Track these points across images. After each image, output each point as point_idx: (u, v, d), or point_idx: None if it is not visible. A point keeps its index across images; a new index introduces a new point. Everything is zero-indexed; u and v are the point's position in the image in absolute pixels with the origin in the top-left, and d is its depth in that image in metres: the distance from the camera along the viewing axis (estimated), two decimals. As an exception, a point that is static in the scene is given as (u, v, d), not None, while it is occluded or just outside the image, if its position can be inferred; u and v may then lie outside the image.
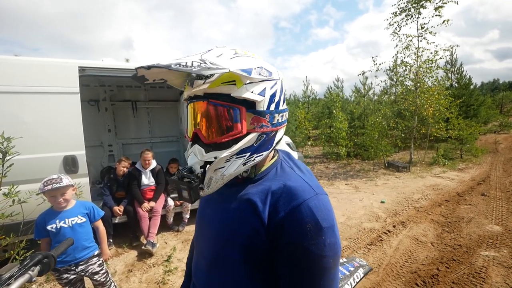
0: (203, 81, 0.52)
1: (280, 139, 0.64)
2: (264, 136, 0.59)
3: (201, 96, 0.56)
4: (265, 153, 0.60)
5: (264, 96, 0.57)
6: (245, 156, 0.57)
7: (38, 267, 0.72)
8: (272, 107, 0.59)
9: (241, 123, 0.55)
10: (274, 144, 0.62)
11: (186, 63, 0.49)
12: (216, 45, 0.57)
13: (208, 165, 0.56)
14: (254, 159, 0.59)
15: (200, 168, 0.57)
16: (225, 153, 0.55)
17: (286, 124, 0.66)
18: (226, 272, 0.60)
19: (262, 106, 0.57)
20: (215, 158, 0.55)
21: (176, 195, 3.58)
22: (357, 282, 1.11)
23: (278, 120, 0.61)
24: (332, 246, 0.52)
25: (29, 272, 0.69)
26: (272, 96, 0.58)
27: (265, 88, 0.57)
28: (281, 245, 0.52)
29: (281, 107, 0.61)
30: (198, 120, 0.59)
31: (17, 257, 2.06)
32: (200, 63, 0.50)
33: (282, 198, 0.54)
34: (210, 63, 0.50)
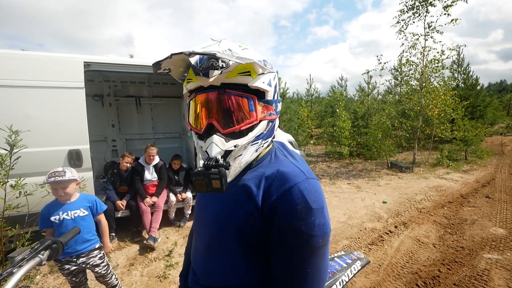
0: (220, 71, 0.53)
1: (277, 126, 0.68)
2: (271, 123, 0.64)
3: (216, 87, 0.57)
4: (269, 140, 0.65)
5: (271, 86, 0.62)
6: (257, 142, 0.61)
7: (47, 252, 0.75)
8: (275, 97, 0.64)
9: (256, 112, 0.59)
10: (274, 131, 0.67)
11: (223, 51, 0.51)
12: (211, 38, 0.62)
13: (227, 155, 0.58)
14: (263, 145, 0.63)
15: (221, 158, 0.57)
16: (245, 141, 0.58)
17: None
18: (223, 254, 0.63)
19: (270, 96, 0.62)
20: (235, 146, 0.57)
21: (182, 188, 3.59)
22: (354, 274, 1.12)
23: (279, 108, 0.66)
24: (321, 226, 0.54)
25: (40, 255, 0.72)
26: (275, 87, 0.64)
27: (270, 79, 0.62)
28: (274, 226, 0.56)
29: (279, 97, 0.67)
30: (214, 110, 0.58)
31: (22, 248, 2.10)
32: (231, 52, 0.52)
33: (275, 182, 0.57)
34: (236, 53, 0.53)
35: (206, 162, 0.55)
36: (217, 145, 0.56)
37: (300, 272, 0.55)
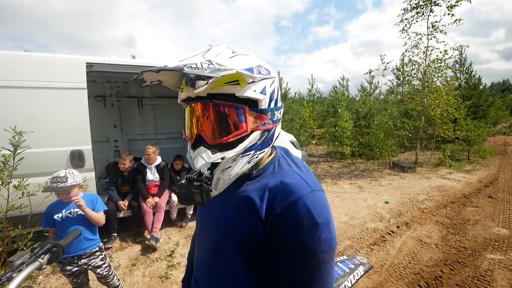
0: (206, 81, 0.51)
1: (278, 134, 0.65)
2: (266, 133, 0.60)
3: (203, 97, 0.55)
4: (266, 149, 0.62)
5: (265, 95, 0.58)
6: (249, 154, 0.58)
7: (47, 255, 0.75)
8: (272, 105, 0.60)
9: (246, 122, 0.56)
10: (274, 140, 0.64)
11: (196, 64, 0.48)
12: (208, 43, 0.61)
13: (215, 167, 0.56)
14: (258, 156, 0.60)
15: (207, 170, 0.56)
16: (232, 153, 0.56)
17: (281, 120, 0.67)
18: (225, 266, 0.62)
19: (264, 104, 0.58)
20: (222, 159, 0.55)
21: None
22: (357, 279, 1.11)
23: (277, 116, 0.62)
24: (328, 242, 0.52)
25: (39, 259, 0.71)
26: (272, 94, 0.60)
27: (265, 86, 0.58)
28: (278, 240, 0.53)
29: (278, 104, 0.63)
30: (202, 121, 0.57)
31: (24, 248, 2.11)
32: (208, 64, 0.49)
33: (279, 195, 0.55)
34: (217, 63, 0.50)
35: (188, 175, 0.54)
36: (203, 157, 0.55)
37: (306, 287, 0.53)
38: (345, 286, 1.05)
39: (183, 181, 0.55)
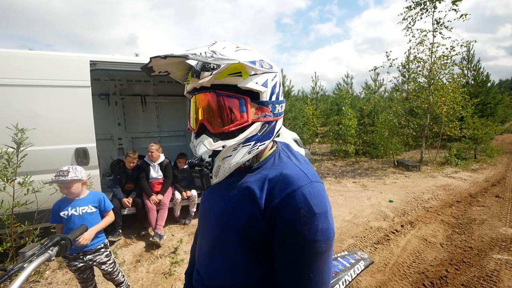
0: (210, 72, 0.54)
1: (279, 129, 0.67)
2: (267, 125, 0.62)
3: (207, 88, 0.58)
4: (267, 142, 0.63)
5: (267, 87, 0.60)
6: (250, 144, 0.60)
7: (56, 248, 0.77)
8: (274, 98, 0.62)
9: (247, 113, 0.58)
10: (274, 134, 0.65)
11: (200, 53, 0.51)
12: (215, 40, 0.64)
13: (217, 155, 0.58)
14: (258, 147, 0.62)
15: (209, 158, 0.58)
16: (233, 142, 0.57)
17: (283, 115, 0.69)
18: (226, 255, 0.63)
19: (265, 97, 0.60)
20: (223, 147, 0.57)
21: (182, 185, 3.62)
22: (358, 274, 1.12)
23: (278, 110, 0.64)
24: (325, 231, 0.53)
25: (49, 251, 0.74)
26: (273, 88, 0.62)
27: (267, 79, 0.60)
28: (277, 229, 0.55)
29: (280, 98, 0.64)
30: (205, 110, 0.59)
31: (32, 243, 2.15)
32: (212, 54, 0.52)
33: (278, 185, 0.56)
34: (220, 54, 0.53)
35: (190, 160, 0.58)
36: (205, 145, 0.58)
37: (303, 277, 0.54)
38: (345, 280, 1.04)
39: (185, 167, 0.58)
